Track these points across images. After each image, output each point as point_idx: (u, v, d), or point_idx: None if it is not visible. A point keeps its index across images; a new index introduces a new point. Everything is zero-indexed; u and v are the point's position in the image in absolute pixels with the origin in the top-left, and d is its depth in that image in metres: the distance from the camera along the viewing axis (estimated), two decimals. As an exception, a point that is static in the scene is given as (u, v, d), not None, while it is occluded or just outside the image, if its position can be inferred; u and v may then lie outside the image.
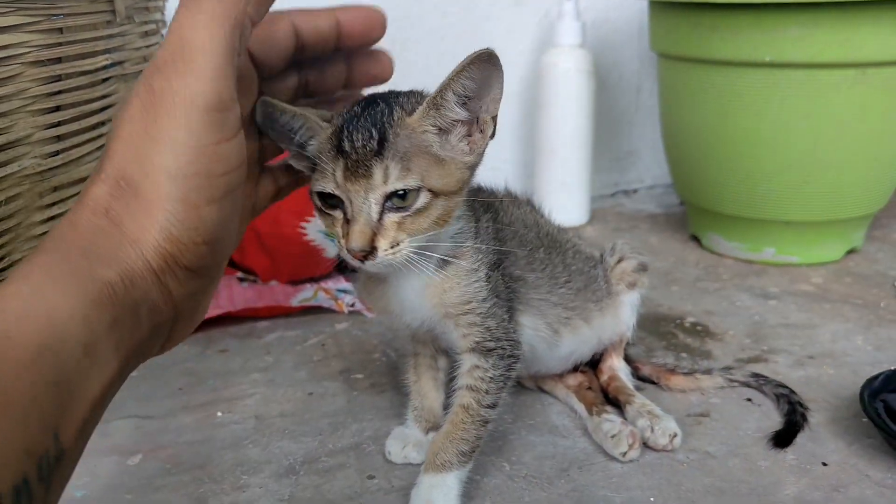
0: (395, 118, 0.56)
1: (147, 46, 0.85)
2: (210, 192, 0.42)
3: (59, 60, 0.68)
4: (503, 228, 0.72)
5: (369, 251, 0.56)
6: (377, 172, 0.55)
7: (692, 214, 1.34)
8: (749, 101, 1.11)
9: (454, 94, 0.56)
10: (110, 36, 0.75)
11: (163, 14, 0.92)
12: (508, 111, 1.53)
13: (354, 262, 0.57)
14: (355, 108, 0.57)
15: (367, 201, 0.56)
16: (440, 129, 0.58)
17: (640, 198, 1.64)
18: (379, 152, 0.55)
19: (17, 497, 0.33)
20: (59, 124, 0.70)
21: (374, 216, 0.56)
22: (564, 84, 1.35)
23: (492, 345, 0.67)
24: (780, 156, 1.12)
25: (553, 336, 0.77)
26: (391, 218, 0.56)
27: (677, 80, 1.22)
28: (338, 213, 0.58)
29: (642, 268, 0.84)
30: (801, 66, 1.06)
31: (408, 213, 0.56)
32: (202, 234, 0.42)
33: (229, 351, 0.98)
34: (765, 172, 1.14)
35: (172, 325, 0.44)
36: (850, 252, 1.26)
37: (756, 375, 0.86)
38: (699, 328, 1.02)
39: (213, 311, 1.02)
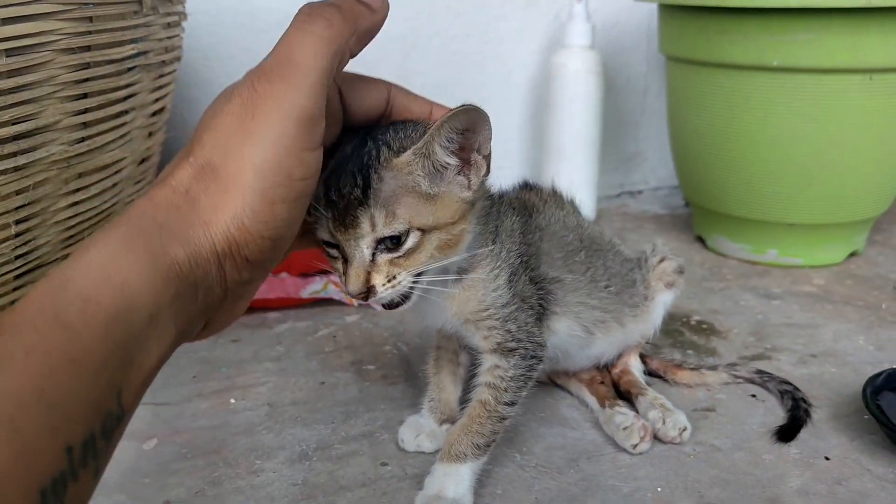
0: (382, 160, 0.56)
1: (169, 38, 0.86)
2: (286, 192, 0.45)
3: (88, 49, 0.69)
4: (534, 231, 0.72)
5: (366, 291, 0.57)
6: (364, 222, 0.55)
7: (698, 216, 1.36)
8: (756, 104, 1.13)
9: (440, 145, 0.57)
10: (136, 26, 0.77)
11: (184, 6, 0.93)
12: (517, 111, 1.54)
13: (358, 301, 0.59)
14: (347, 147, 0.57)
15: (358, 247, 0.56)
16: (430, 171, 0.57)
17: (645, 199, 1.66)
18: (363, 201, 0.55)
19: (84, 450, 0.35)
20: (85, 111, 0.71)
21: (367, 258, 0.57)
22: (573, 85, 1.37)
23: (513, 345, 0.68)
24: (785, 159, 1.14)
25: (587, 337, 0.78)
26: (384, 258, 0.57)
27: (685, 82, 1.23)
28: (336, 253, 0.58)
29: (681, 270, 0.87)
30: (808, 70, 1.08)
31: (399, 254, 0.57)
32: (270, 230, 0.45)
33: (241, 341, 0.99)
34: (770, 175, 1.16)
35: (217, 309, 0.46)
36: (852, 255, 1.27)
37: (760, 372, 0.88)
38: (704, 326, 1.03)
39: (225, 301, 1.03)
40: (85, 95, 0.71)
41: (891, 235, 1.39)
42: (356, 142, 0.57)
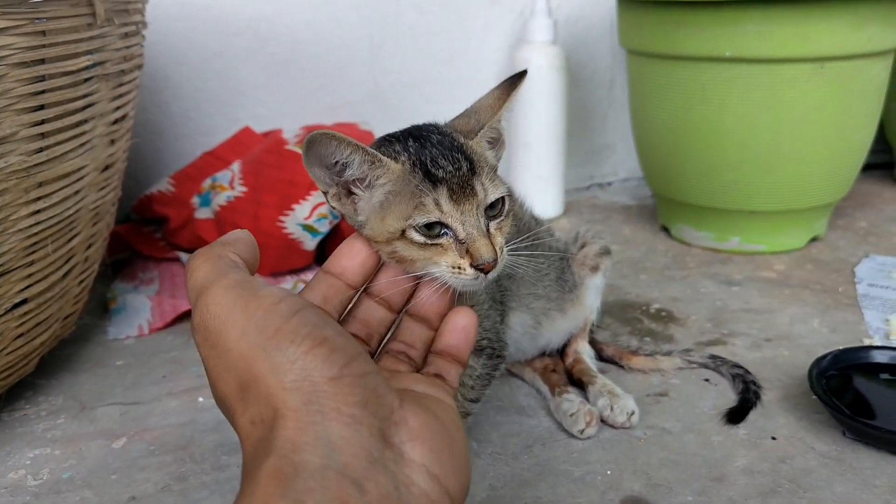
0: (463, 141, 0.58)
1: (127, 47, 0.88)
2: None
3: (42, 62, 0.71)
4: None
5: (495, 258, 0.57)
6: (479, 189, 0.57)
7: (662, 205, 1.38)
8: (712, 94, 1.15)
9: (498, 121, 0.61)
10: (91, 38, 0.79)
11: (142, 16, 0.95)
12: (485, 107, 1.56)
13: (472, 283, 0.56)
14: (409, 142, 0.57)
15: (478, 216, 0.57)
16: (490, 144, 0.62)
17: (615, 190, 1.68)
18: (473, 170, 0.56)
19: None
20: (43, 122, 0.73)
21: (485, 228, 0.57)
22: (537, 80, 1.39)
23: (484, 343, 0.70)
24: (743, 147, 1.17)
25: (537, 327, 0.81)
26: (492, 226, 0.58)
27: (644, 75, 1.26)
28: (445, 240, 0.56)
29: (605, 251, 0.89)
30: (760, 60, 1.10)
31: (502, 217, 0.59)
32: None
33: (212, 340, 1.01)
34: (728, 164, 1.19)
35: None
36: (814, 240, 1.30)
37: (713, 357, 0.90)
38: (664, 314, 1.06)
39: (195, 303, 1.06)
40: (42, 107, 0.73)
41: (853, 220, 1.42)
42: (412, 139, 0.58)
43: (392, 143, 0.58)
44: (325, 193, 0.57)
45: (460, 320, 0.56)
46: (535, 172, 1.44)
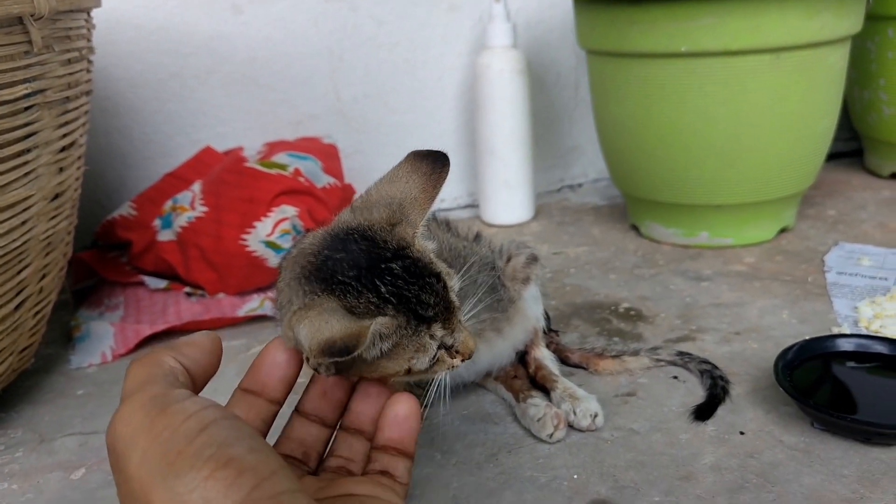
0: (420, 257, 0.55)
1: (71, 74, 0.87)
2: None
3: (-24, 91, 0.70)
4: None
5: None
6: (454, 300, 0.56)
7: (630, 204, 1.38)
8: (670, 91, 1.15)
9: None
10: (29, 66, 0.77)
11: (88, 41, 0.94)
12: (450, 114, 1.56)
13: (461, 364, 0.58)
14: (378, 284, 0.52)
15: (460, 323, 0.57)
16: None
17: (585, 191, 1.68)
18: (446, 288, 0.55)
19: None
20: (-19, 153, 0.72)
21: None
22: (499, 84, 1.38)
23: None
24: (704, 142, 1.16)
25: None
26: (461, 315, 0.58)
27: (603, 74, 1.25)
28: (441, 353, 0.56)
29: (532, 260, 0.86)
30: (716, 54, 1.10)
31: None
32: None
33: (176, 364, 1.00)
34: (691, 159, 1.18)
35: None
36: (783, 231, 1.30)
37: (681, 353, 0.89)
38: (632, 313, 1.05)
39: (158, 327, 1.04)
40: (-21, 137, 0.72)
41: (823, 209, 1.41)
42: (369, 275, 0.53)
43: (356, 290, 0.51)
44: (316, 369, 0.53)
45: (401, 410, 0.53)
46: (503, 178, 1.44)
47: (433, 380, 0.61)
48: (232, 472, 0.38)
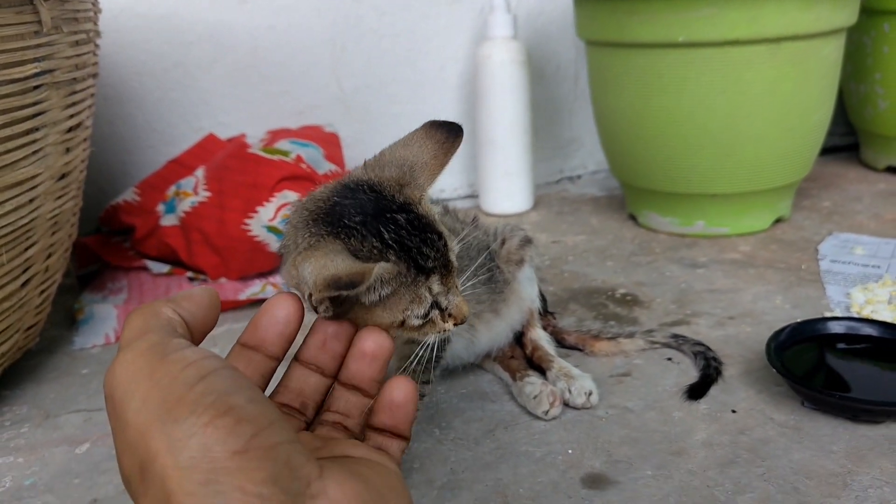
0: (425, 213, 0.55)
1: (78, 55, 0.88)
2: None
3: (-14, 69, 0.72)
4: None
5: None
6: (453, 260, 0.56)
7: (628, 194, 1.39)
8: (668, 80, 1.16)
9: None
10: (38, 45, 0.79)
11: (95, 24, 0.95)
12: (452, 105, 1.57)
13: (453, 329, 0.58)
14: (382, 230, 0.53)
15: (456, 285, 0.57)
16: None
17: (584, 183, 1.70)
18: (446, 245, 0.56)
19: None
20: (-10, 131, 0.74)
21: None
22: (500, 75, 1.40)
23: None
24: (701, 132, 1.18)
25: (470, 331, 0.81)
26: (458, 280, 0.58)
27: (602, 64, 1.27)
28: (434, 313, 0.56)
29: (526, 241, 0.87)
30: (713, 44, 1.11)
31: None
32: None
33: (179, 345, 1.01)
34: (688, 148, 1.20)
35: None
36: (779, 221, 1.31)
37: (675, 336, 0.91)
38: (628, 298, 1.06)
39: (161, 309, 1.06)
40: (-12, 115, 0.73)
41: (818, 200, 1.43)
42: (376, 221, 0.53)
43: (361, 234, 0.52)
44: (316, 308, 0.53)
45: (398, 395, 0.52)
46: (503, 168, 1.45)
47: (421, 348, 0.60)
48: (231, 420, 0.38)
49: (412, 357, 0.62)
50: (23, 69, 0.77)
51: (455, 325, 0.58)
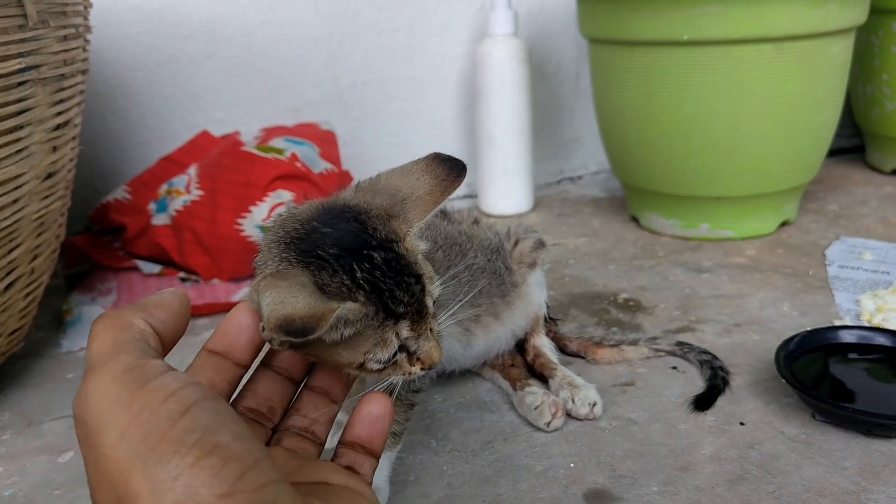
0: (406, 253, 0.52)
1: (66, 51, 0.85)
2: None
3: (-33, 64, 0.69)
4: None
5: None
6: (429, 305, 0.53)
7: (630, 195, 1.36)
8: (671, 79, 1.13)
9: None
10: (23, 40, 0.76)
11: (85, 19, 0.92)
12: (450, 102, 1.55)
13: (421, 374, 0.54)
14: (355, 268, 0.49)
15: (428, 330, 0.53)
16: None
17: (585, 183, 1.67)
18: (423, 290, 0.52)
19: None
20: (-29, 128, 0.71)
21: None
22: (500, 73, 1.37)
23: None
24: (705, 133, 1.15)
25: (466, 335, 0.78)
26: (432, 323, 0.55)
27: (605, 63, 1.24)
28: (401, 357, 0.52)
29: (539, 245, 0.85)
30: (718, 42, 1.09)
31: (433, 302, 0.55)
32: None
33: (169, 349, 0.99)
34: (691, 150, 1.17)
35: None
36: (784, 224, 1.29)
37: (680, 344, 0.88)
38: (631, 303, 1.04)
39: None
40: (-30, 111, 0.70)
41: (824, 203, 1.40)
42: (350, 257, 0.50)
43: (332, 269, 0.49)
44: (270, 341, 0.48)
45: (374, 409, 0.50)
46: (502, 167, 1.42)
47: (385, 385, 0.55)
48: (217, 461, 0.36)
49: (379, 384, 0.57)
50: (6, 65, 0.74)
51: (422, 370, 0.53)
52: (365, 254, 0.50)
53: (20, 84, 0.77)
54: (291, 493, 0.39)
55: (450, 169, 0.55)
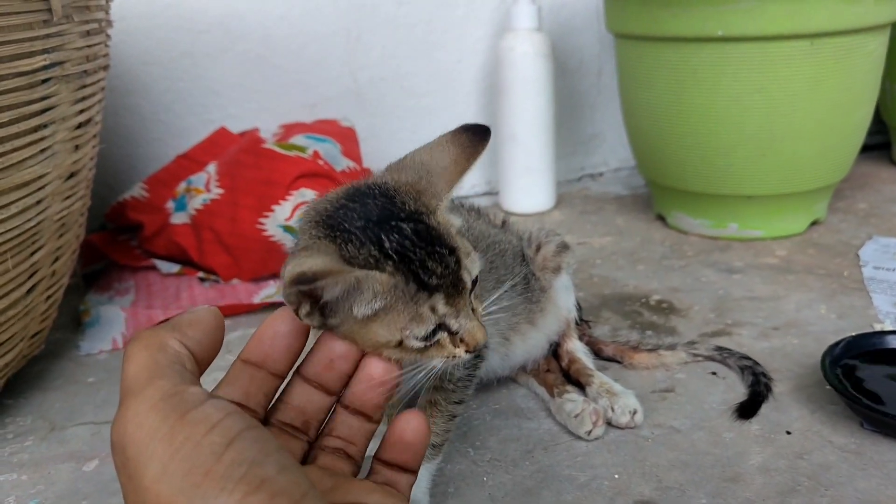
0: (436, 225, 0.51)
1: (89, 46, 0.83)
2: None
3: (-9, 61, 0.66)
4: None
5: None
6: (466, 279, 0.51)
7: (656, 193, 1.34)
8: (703, 76, 1.11)
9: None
10: (48, 35, 0.74)
11: (106, 13, 0.90)
12: (469, 98, 1.52)
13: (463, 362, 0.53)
14: (384, 239, 0.48)
15: (469, 306, 0.51)
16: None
17: (607, 181, 1.64)
18: (458, 262, 0.50)
19: None
20: (-3, 126, 0.68)
21: (472, 311, 0.52)
22: (522, 68, 1.34)
23: None
24: (736, 130, 1.12)
25: (505, 344, 0.76)
26: (475, 303, 0.53)
27: (633, 59, 1.22)
28: (441, 335, 0.51)
29: (563, 248, 0.82)
30: (752, 39, 1.06)
31: (477, 288, 0.53)
32: None
33: (191, 352, 0.96)
34: (722, 147, 1.14)
35: None
36: (814, 224, 1.26)
37: (720, 349, 0.86)
38: (664, 305, 1.01)
39: (172, 312, 1.01)
40: (-6, 110, 0.68)
41: (854, 202, 1.38)
42: (382, 228, 0.49)
43: (359, 240, 0.48)
44: (297, 311, 0.47)
45: (409, 435, 0.49)
46: (524, 164, 1.40)
47: (424, 371, 0.53)
48: (265, 496, 0.35)
49: (413, 379, 0.55)
50: (31, 61, 0.71)
51: (467, 352, 0.52)
52: (393, 224, 0.49)
53: (44, 81, 0.75)
54: None
55: (473, 135, 0.55)
